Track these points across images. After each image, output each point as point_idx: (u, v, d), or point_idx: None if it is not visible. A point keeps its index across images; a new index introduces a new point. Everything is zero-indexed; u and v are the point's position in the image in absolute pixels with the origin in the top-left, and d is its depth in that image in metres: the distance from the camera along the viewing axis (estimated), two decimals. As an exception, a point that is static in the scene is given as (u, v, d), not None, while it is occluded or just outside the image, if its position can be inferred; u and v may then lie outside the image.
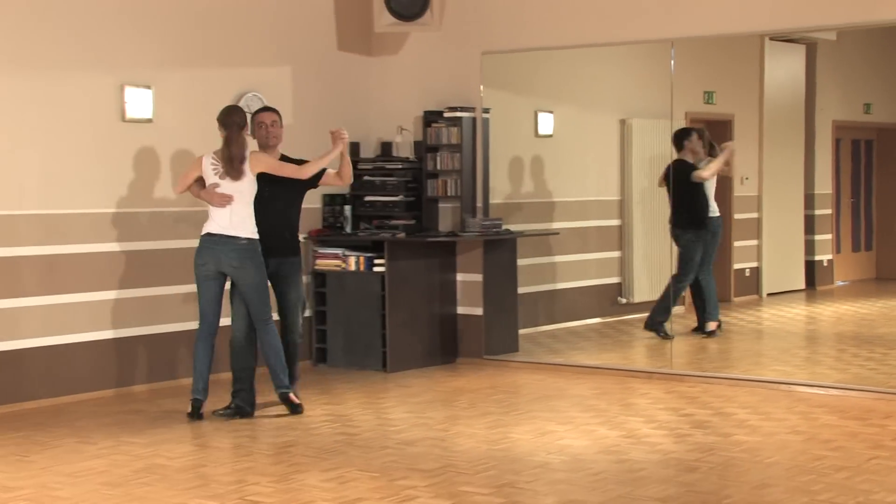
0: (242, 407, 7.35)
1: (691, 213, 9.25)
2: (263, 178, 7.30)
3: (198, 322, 7.42)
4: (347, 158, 7.74)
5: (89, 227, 7.98)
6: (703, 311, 9.42)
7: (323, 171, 7.56)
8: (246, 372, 7.43)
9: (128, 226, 8.22)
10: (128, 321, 8.21)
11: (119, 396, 8.06)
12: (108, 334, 8.12)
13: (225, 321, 7.53)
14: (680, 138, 9.03)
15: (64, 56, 7.88)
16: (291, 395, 7.42)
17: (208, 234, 7.27)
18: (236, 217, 7.20)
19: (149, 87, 8.31)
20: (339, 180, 7.78)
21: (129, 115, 8.19)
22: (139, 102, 8.24)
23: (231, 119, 7.29)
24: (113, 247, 8.14)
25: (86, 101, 7.95)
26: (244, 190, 7.22)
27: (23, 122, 7.65)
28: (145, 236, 8.28)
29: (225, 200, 7.18)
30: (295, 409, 7.40)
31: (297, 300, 7.69)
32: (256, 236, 7.28)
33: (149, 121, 8.29)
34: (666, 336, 9.21)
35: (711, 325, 9.38)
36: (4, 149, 7.57)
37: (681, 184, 9.10)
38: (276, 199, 7.44)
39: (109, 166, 8.01)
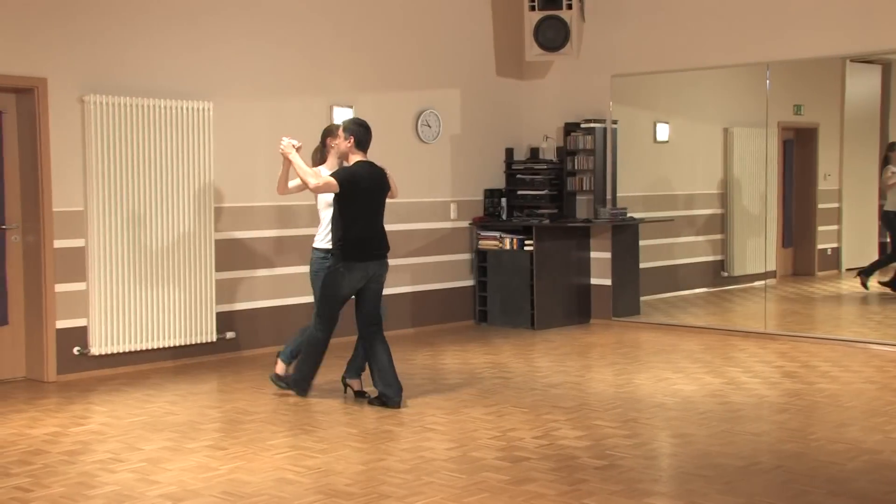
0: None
1: None
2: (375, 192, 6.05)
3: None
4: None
5: (306, 216, 8.18)
6: None
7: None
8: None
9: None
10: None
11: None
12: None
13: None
14: None
15: (287, 83, 8.08)
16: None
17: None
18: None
19: (350, 107, 8.46)
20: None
21: (336, 128, 8.35)
22: (343, 119, 8.36)
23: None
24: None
25: (303, 117, 8.12)
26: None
27: (257, 135, 7.88)
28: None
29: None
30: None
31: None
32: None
33: (351, 133, 8.43)
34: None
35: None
36: (244, 155, 7.82)
37: None
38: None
39: (321, 168, 8.18)
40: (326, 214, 6.24)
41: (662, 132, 9.88)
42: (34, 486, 4.50)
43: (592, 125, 9.31)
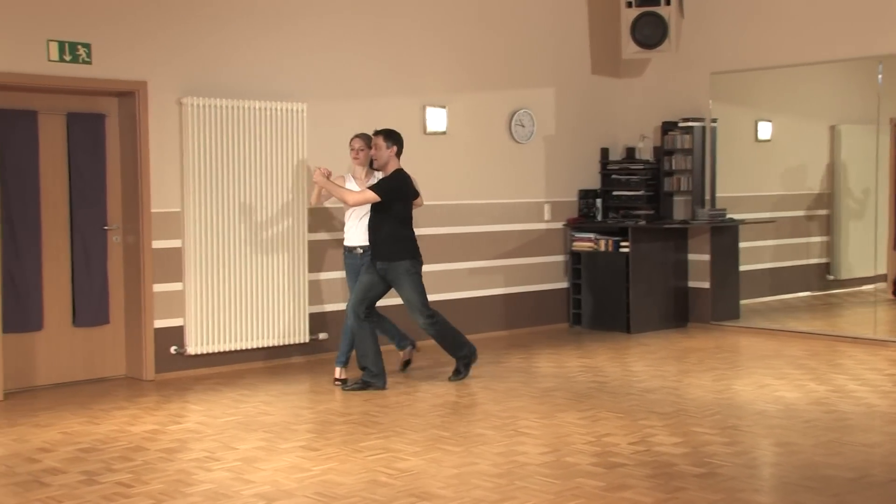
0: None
1: None
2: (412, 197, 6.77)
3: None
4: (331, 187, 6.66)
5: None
6: None
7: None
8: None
9: (430, 215, 8.38)
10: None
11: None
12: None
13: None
14: None
15: (380, 84, 8.14)
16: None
17: None
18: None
19: (443, 107, 8.48)
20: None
21: (430, 129, 8.38)
22: (436, 119, 8.42)
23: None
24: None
25: (397, 118, 8.12)
26: None
27: (350, 136, 7.86)
28: (436, 223, 8.46)
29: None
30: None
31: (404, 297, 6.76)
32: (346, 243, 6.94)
33: (443, 133, 8.46)
34: None
35: None
36: (337, 156, 7.84)
37: None
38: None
39: (414, 170, 8.18)
40: (349, 215, 6.92)
41: (764, 130, 9.66)
42: (135, 482, 4.62)
43: (690, 124, 9.15)
